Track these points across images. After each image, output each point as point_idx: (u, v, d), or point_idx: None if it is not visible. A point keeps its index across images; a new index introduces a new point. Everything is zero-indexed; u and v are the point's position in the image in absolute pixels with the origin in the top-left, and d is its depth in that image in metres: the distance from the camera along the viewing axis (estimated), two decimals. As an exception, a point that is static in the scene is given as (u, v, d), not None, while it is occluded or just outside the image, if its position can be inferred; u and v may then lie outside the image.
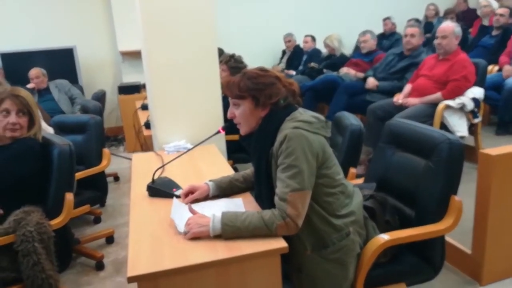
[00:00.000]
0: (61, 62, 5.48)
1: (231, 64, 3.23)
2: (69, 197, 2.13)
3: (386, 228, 1.67)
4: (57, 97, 4.66)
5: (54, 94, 4.69)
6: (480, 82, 3.50)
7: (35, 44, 5.50)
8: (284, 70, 5.96)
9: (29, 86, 4.58)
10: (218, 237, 1.43)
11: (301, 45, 6.24)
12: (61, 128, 3.01)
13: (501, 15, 4.70)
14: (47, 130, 2.80)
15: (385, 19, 6.22)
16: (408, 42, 3.97)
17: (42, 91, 4.69)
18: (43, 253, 1.90)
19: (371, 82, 4.16)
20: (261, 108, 1.55)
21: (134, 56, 5.61)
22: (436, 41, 3.55)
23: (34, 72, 4.66)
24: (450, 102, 3.37)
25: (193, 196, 1.71)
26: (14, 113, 2.07)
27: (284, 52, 6.57)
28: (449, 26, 3.49)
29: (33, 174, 2.09)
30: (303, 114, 1.54)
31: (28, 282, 1.85)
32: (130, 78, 5.79)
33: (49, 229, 1.96)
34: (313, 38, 6.10)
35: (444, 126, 3.36)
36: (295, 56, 6.25)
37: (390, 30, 6.15)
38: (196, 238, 1.42)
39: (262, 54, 6.54)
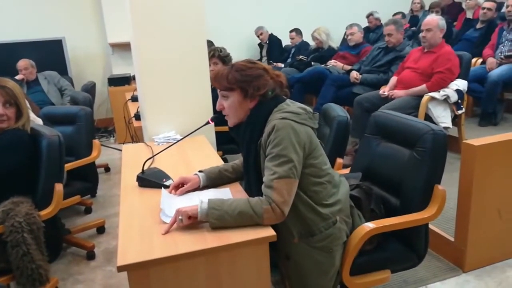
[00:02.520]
0: (50, 54, 5.43)
1: (222, 54, 3.23)
2: (59, 187, 2.14)
3: (371, 216, 1.70)
4: (46, 88, 4.63)
5: (43, 85, 4.65)
6: (464, 75, 3.56)
7: (24, 35, 5.42)
8: (273, 63, 5.98)
9: (17, 77, 4.54)
10: (208, 225, 1.44)
11: (276, 35, 6.33)
12: (51, 120, 3.00)
13: (488, 9, 4.74)
14: (36, 121, 2.78)
15: (368, 16, 6.25)
16: (388, 41, 4.08)
17: (31, 83, 4.65)
18: (33, 244, 1.90)
19: (353, 75, 4.22)
20: (250, 99, 1.57)
21: (123, 48, 5.58)
22: (421, 34, 3.61)
23: (22, 63, 4.62)
24: (434, 94, 3.43)
25: (185, 188, 1.72)
26: (1, 104, 2.06)
27: (260, 46, 6.57)
28: (434, 19, 3.55)
29: (22, 165, 2.08)
30: (291, 105, 1.56)
31: (18, 272, 1.86)
32: (120, 70, 5.77)
33: (39, 219, 1.96)
34: (298, 32, 6.13)
35: (428, 118, 3.42)
36: (272, 45, 6.31)
37: (374, 25, 6.19)
38: (185, 227, 1.44)
39: (245, 48, 6.58)
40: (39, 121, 2.85)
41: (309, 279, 1.58)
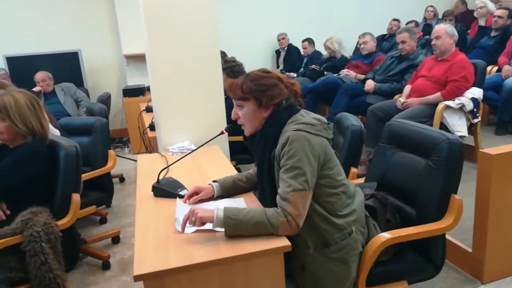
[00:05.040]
0: (67, 66, 5.53)
1: (222, 66, 3.19)
2: (76, 197, 2.16)
3: (387, 226, 1.69)
4: (63, 100, 4.73)
5: (60, 97, 4.75)
6: (479, 83, 3.53)
7: (41, 48, 5.55)
8: (286, 73, 6.01)
9: (35, 89, 4.63)
10: (222, 235, 1.45)
11: (295, 45, 6.37)
12: (67, 130, 3.05)
13: (500, 16, 4.70)
14: (54, 132, 2.83)
15: (394, 20, 6.24)
16: (402, 49, 4.07)
17: (48, 94, 4.75)
18: (51, 253, 1.92)
19: (369, 84, 4.22)
20: (264, 109, 1.58)
21: (138, 59, 5.67)
22: (432, 43, 3.62)
23: (40, 75, 4.72)
24: (449, 103, 3.40)
25: (198, 197, 1.73)
26: None
27: (278, 53, 6.61)
28: (441, 27, 3.59)
29: (40, 176, 2.11)
30: (305, 116, 1.56)
31: (36, 282, 1.87)
32: (134, 81, 5.85)
33: (56, 229, 1.98)
34: (311, 41, 6.16)
35: (443, 126, 3.39)
36: (290, 54, 6.34)
37: (394, 31, 6.18)
38: (200, 234, 1.45)
39: (258, 57, 6.63)
40: (57, 132, 2.90)
41: (325, 290, 1.57)
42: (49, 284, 1.89)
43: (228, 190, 1.80)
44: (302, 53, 6.31)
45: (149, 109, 4.05)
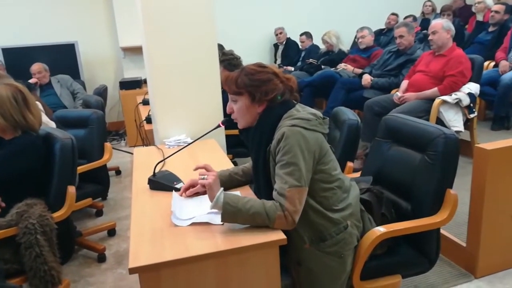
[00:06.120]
0: (63, 58, 5.51)
1: (220, 59, 3.19)
2: (71, 190, 2.16)
3: (382, 220, 1.70)
4: (59, 92, 4.71)
5: (56, 89, 4.73)
6: (476, 78, 3.54)
7: (37, 40, 5.52)
8: (283, 67, 6.00)
9: (31, 81, 4.61)
10: (218, 228, 1.46)
11: (293, 39, 6.37)
12: (63, 123, 3.04)
13: (497, 11, 4.72)
14: (49, 124, 2.82)
15: (392, 14, 6.23)
16: (400, 44, 4.07)
17: (44, 86, 4.73)
18: (46, 245, 1.92)
19: (366, 79, 4.21)
20: (258, 104, 1.57)
21: (135, 51, 5.64)
22: (429, 38, 3.63)
23: (36, 67, 4.70)
24: (446, 98, 3.41)
25: (194, 190, 1.73)
26: None
27: (276, 46, 6.61)
28: (438, 22, 3.60)
29: (35, 168, 2.10)
30: (301, 111, 1.56)
31: (31, 273, 1.88)
32: (131, 73, 5.83)
33: (52, 221, 1.98)
34: (309, 35, 6.14)
35: (440, 121, 3.40)
36: (289, 48, 6.34)
37: (392, 26, 6.17)
38: (196, 227, 1.46)
39: (256, 51, 6.62)
40: (52, 124, 2.89)
41: (321, 285, 1.58)
42: (44, 276, 1.89)
43: (225, 183, 1.79)
44: (300, 47, 6.30)
45: (145, 102, 4.03)
